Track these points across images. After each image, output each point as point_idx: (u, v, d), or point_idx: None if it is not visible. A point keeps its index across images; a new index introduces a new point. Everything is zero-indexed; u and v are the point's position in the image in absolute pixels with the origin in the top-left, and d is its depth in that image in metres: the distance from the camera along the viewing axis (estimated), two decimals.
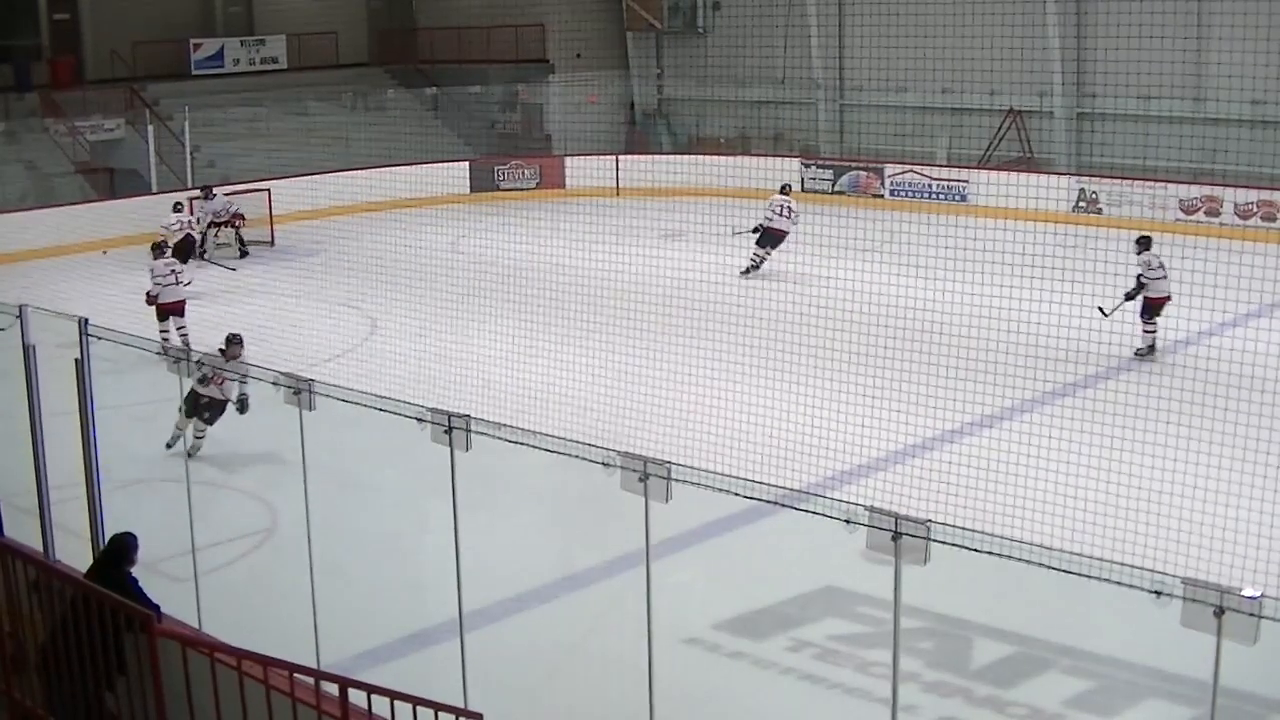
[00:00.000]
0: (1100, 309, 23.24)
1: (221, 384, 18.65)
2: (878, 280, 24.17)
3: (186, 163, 41.21)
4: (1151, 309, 24.12)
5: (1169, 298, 23.97)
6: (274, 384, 12.45)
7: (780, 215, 32.11)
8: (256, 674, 9.71)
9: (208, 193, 36.16)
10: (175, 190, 38.76)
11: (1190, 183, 37.44)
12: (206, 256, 35.34)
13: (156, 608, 10.95)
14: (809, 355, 20.81)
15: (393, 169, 41.08)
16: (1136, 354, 23.83)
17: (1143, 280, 24.15)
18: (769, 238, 31.96)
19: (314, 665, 11.66)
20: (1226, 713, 8.13)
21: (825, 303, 22.57)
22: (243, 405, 18.78)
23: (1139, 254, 24.38)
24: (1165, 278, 24.03)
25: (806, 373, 20.39)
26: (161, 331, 25.20)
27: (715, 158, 42.26)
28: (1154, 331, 24.01)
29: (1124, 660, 13.48)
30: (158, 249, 26.65)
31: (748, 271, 31.63)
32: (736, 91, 46.99)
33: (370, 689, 9.55)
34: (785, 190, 33.15)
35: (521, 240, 29.95)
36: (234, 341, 18.87)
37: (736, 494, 9.65)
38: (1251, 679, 10.93)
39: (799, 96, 46.52)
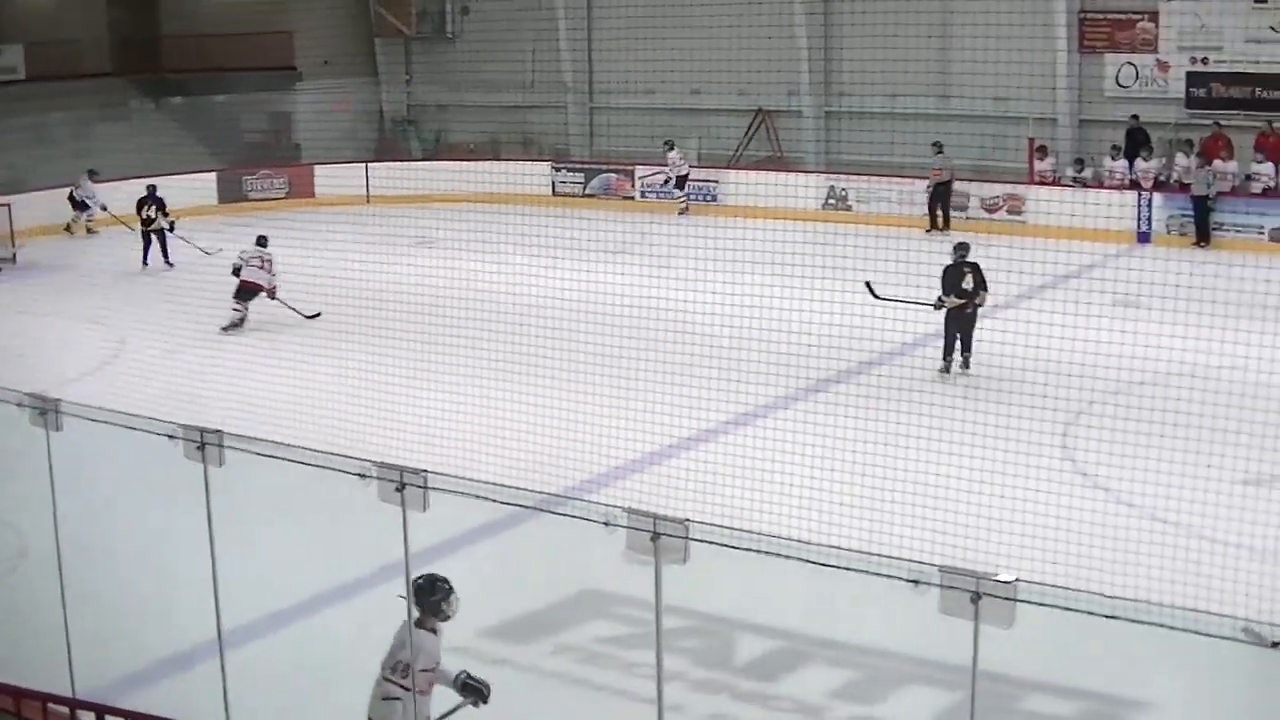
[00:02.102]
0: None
1: None
2: (630, 282, 24.25)
3: None
4: (244, 293, 27.79)
5: (261, 285, 27.62)
6: (19, 405, 12.17)
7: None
8: (8, 706, 9.50)
9: None
10: None
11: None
12: None
13: None
14: (564, 359, 20.81)
15: (139, 180, 40.34)
16: (222, 330, 27.08)
17: (236, 265, 28.04)
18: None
19: (69, 694, 11.42)
20: (986, 695, 8.29)
21: (580, 306, 22.60)
22: None
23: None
24: (262, 268, 27.84)
25: (562, 376, 20.41)
26: None
27: (466, 163, 42.14)
28: (241, 312, 27.54)
29: (886, 649, 13.70)
30: None
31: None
32: (486, 96, 46.89)
33: (129, 715, 9.38)
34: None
35: (272, 250, 29.54)
36: None
37: (494, 500, 9.64)
38: (1009, 661, 11.16)
39: (549, 100, 46.58)
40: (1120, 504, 16.90)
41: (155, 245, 34.48)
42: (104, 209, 38.69)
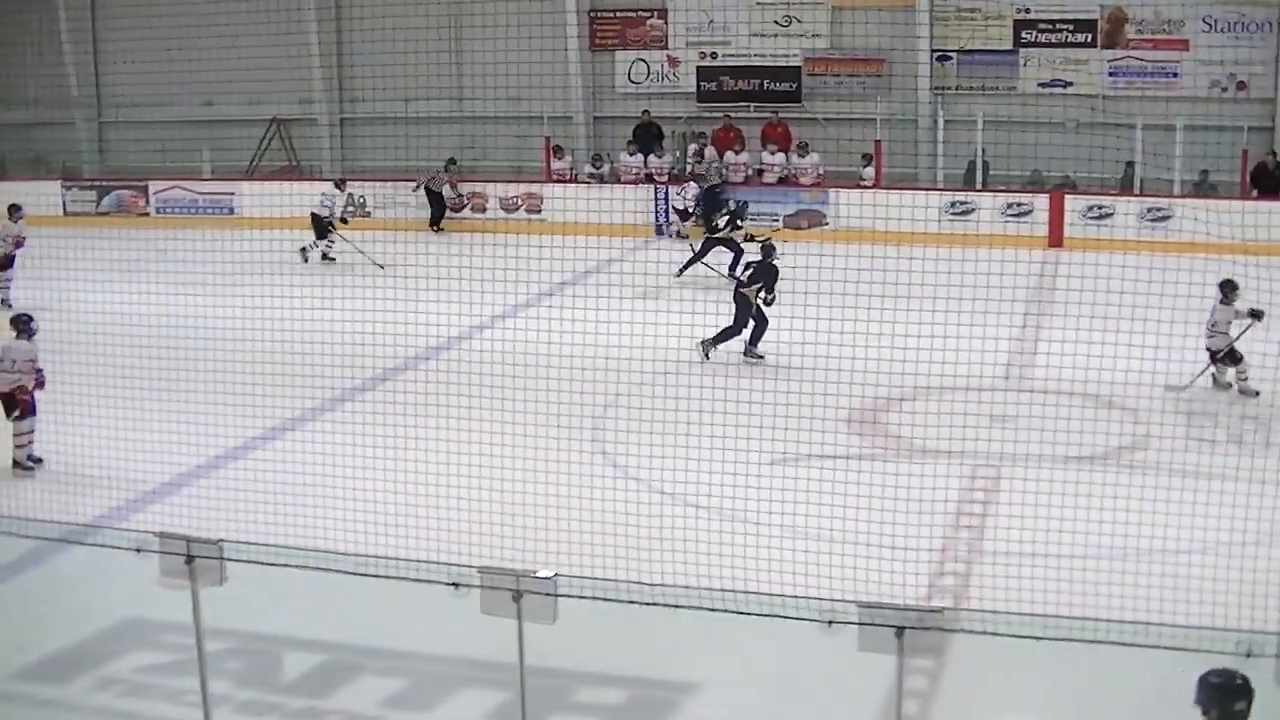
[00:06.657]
0: None
1: None
2: (148, 299, 23.57)
3: None
4: None
5: None
6: None
7: None
8: None
9: None
10: None
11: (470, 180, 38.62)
12: None
13: None
14: (94, 378, 20.23)
15: None
16: None
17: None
18: None
19: None
20: (536, 691, 8.38)
21: (102, 325, 21.94)
22: None
23: None
24: None
25: (95, 394, 19.82)
26: None
27: None
28: None
29: (434, 654, 13.66)
30: None
31: None
32: None
33: None
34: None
35: None
36: None
37: (12, 534, 9.34)
38: (556, 655, 11.26)
39: (56, 116, 45.13)
40: (654, 492, 17.19)
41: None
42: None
